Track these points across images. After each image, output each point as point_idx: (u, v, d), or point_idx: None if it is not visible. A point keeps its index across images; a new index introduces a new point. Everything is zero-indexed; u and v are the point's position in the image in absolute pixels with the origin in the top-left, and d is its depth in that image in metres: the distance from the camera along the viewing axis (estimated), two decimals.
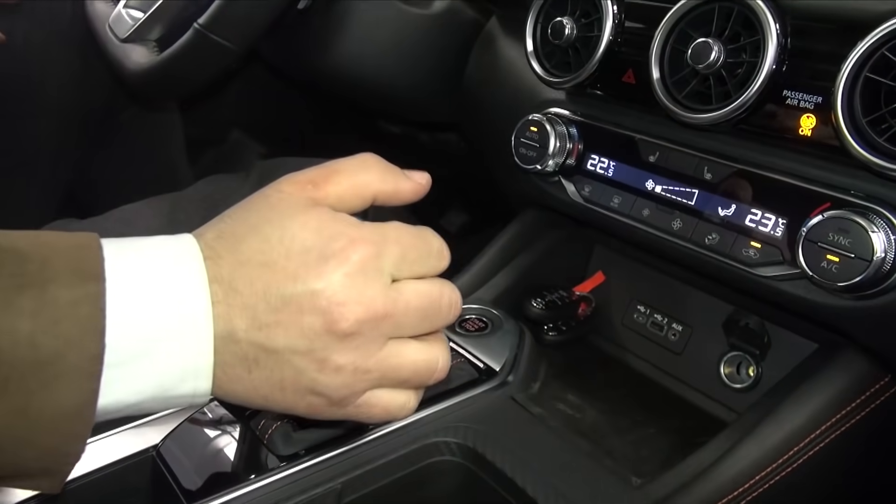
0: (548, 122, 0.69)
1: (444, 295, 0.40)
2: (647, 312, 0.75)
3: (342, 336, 0.36)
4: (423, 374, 0.40)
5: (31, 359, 0.30)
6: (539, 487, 0.50)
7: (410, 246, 0.39)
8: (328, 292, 0.36)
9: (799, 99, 0.52)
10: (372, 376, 0.38)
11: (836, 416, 0.54)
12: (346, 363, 0.36)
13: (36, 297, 0.30)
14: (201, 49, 0.66)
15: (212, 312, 0.35)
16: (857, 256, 0.48)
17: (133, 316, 0.33)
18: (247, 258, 0.36)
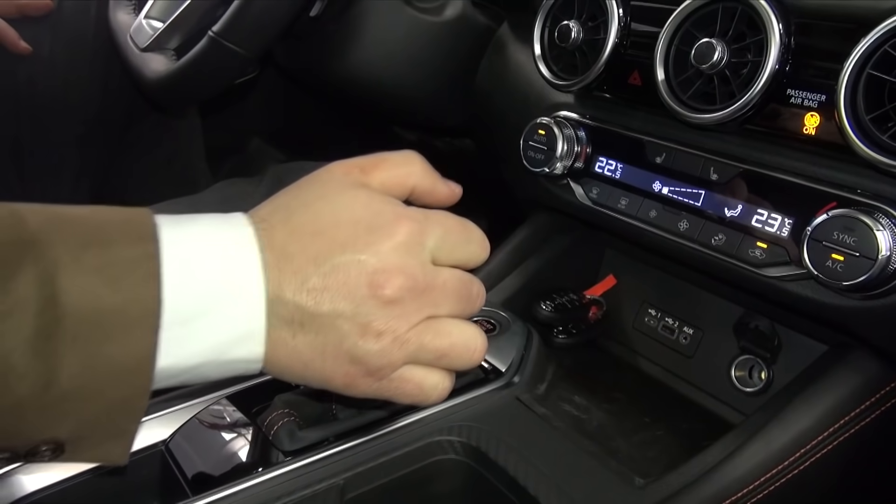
0: (556, 125, 0.69)
1: (474, 283, 0.42)
2: (658, 316, 0.75)
3: (385, 302, 0.37)
4: (461, 352, 0.41)
5: (95, 313, 0.32)
6: (541, 486, 0.50)
7: (453, 230, 0.41)
8: (374, 260, 0.37)
9: (803, 98, 0.52)
10: (409, 348, 0.39)
11: (844, 418, 0.53)
12: (387, 329, 0.38)
13: (98, 255, 0.32)
14: (216, 56, 0.68)
15: (264, 276, 0.36)
16: (862, 255, 0.48)
17: (188, 277, 0.34)
18: (299, 228, 0.38)
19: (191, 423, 0.54)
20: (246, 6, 0.65)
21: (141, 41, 0.80)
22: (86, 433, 0.34)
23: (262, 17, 0.66)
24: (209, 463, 0.51)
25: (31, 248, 0.31)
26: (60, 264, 0.31)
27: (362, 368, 0.38)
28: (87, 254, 0.32)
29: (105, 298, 0.32)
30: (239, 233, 0.37)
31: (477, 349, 0.41)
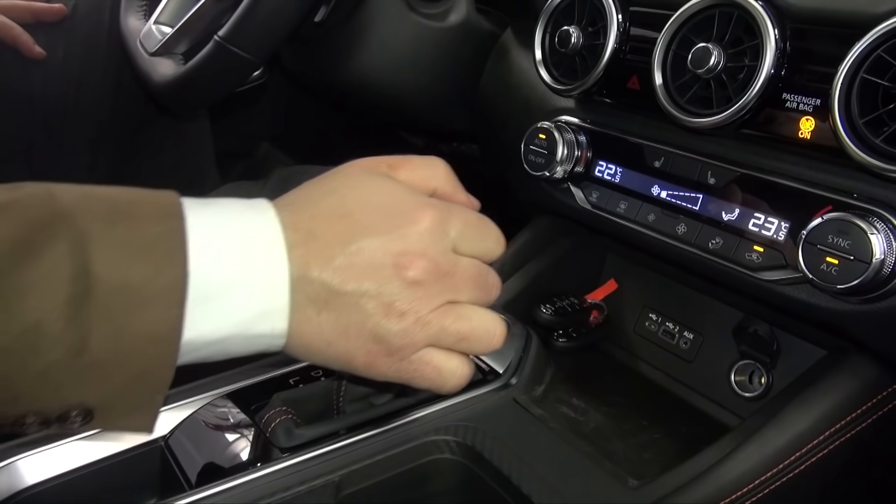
0: (556, 130, 0.69)
1: (491, 274, 0.44)
2: (658, 320, 0.75)
3: (409, 283, 0.39)
4: (481, 335, 0.42)
5: (123, 284, 0.33)
6: (534, 486, 0.50)
7: (473, 223, 0.43)
8: (399, 243, 0.39)
9: (798, 102, 0.53)
10: (431, 329, 0.40)
11: (841, 421, 0.53)
12: (409, 310, 0.39)
13: (126, 230, 0.34)
14: (221, 60, 0.69)
15: (288, 255, 0.38)
16: (856, 258, 0.48)
17: (212, 253, 0.36)
18: (326, 211, 0.39)
19: (190, 419, 0.55)
20: (251, 11, 0.67)
21: (150, 46, 0.81)
22: (113, 401, 0.35)
23: (266, 22, 0.68)
24: (207, 459, 0.51)
25: (63, 220, 0.33)
26: (91, 237, 0.33)
27: (384, 348, 0.39)
28: (115, 228, 0.34)
29: (132, 271, 0.33)
30: (262, 215, 0.38)
31: (497, 333, 0.43)
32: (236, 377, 0.59)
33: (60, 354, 0.32)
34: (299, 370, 0.61)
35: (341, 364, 0.40)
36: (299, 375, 0.60)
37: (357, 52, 0.87)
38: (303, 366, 0.61)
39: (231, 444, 0.53)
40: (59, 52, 1.03)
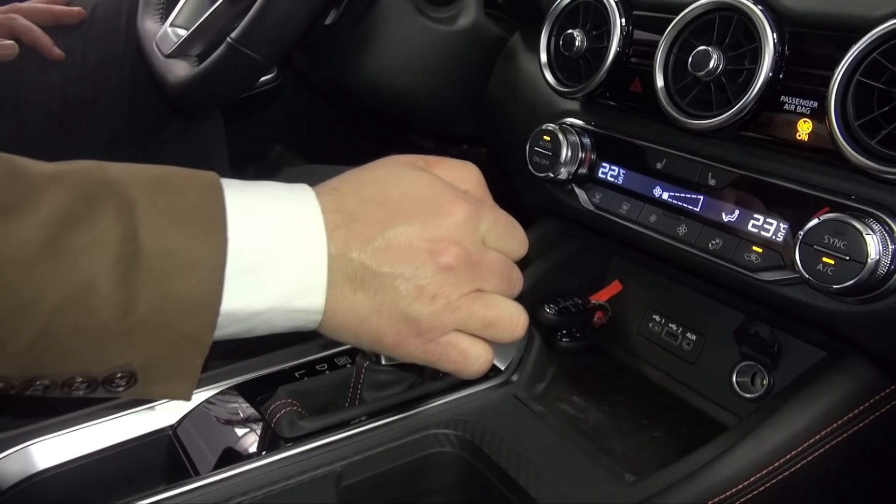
0: (560, 132, 0.71)
1: (515, 269, 0.46)
2: (662, 322, 0.76)
3: (442, 268, 0.41)
4: (506, 324, 0.44)
5: (166, 249, 0.35)
6: (531, 479, 0.51)
7: (502, 221, 0.45)
8: (435, 231, 0.41)
9: (796, 104, 0.53)
10: (460, 314, 0.42)
11: (837, 421, 0.54)
12: (441, 293, 0.41)
13: (168, 199, 0.36)
14: (234, 62, 0.71)
15: (328, 234, 0.40)
16: (851, 259, 0.49)
17: (251, 225, 0.38)
18: (368, 197, 0.42)
19: (198, 409, 0.57)
20: (262, 15, 0.68)
21: (166, 48, 0.83)
22: (156, 364, 0.37)
23: (277, 25, 0.69)
24: (214, 447, 0.53)
25: (112, 189, 0.35)
26: (137, 204, 0.35)
27: (414, 329, 0.41)
28: (158, 197, 0.36)
29: (174, 237, 0.35)
30: (302, 196, 0.41)
31: (520, 323, 0.45)
32: (243, 370, 0.61)
33: (111, 313, 0.34)
34: (305, 364, 0.62)
35: (371, 343, 0.42)
36: (304, 369, 0.61)
37: (366, 55, 0.88)
38: (308, 359, 0.63)
39: (236, 433, 0.54)
40: (77, 54, 1.06)
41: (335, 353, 0.64)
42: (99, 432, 0.53)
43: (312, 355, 0.63)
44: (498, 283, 0.44)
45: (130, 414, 0.55)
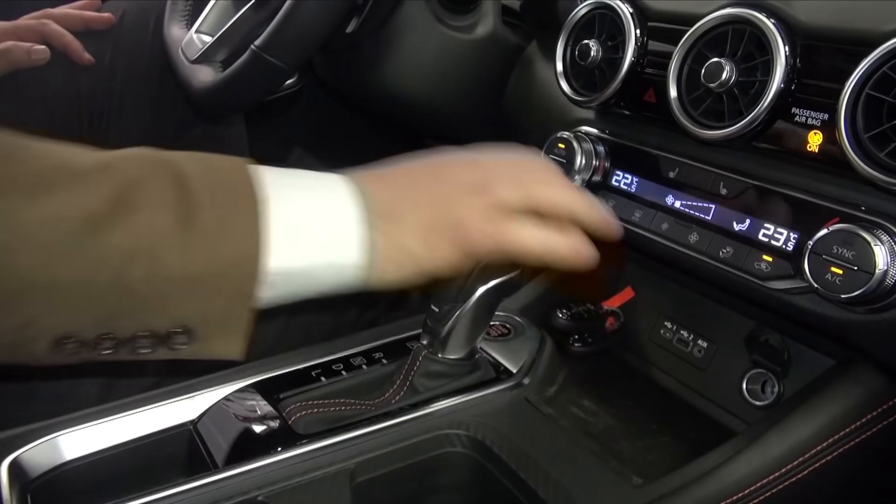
0: (575, 140, 0.72)
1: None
2: (673, 328, 0.76)
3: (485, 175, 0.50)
4: (570, 201, 0.52)
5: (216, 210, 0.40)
6: (540, 480, 0.52)
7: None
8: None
9: (807, 116, 0.54)
10: (519, 189, 0.50)
11: (845, 429, 0.54)
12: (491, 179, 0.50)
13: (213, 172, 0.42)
14: (257, 68, 0.73)
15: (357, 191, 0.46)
16: (859, 269, 0.49)
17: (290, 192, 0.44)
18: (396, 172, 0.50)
19: (217, 406, 0.58)
20: (286, 23, 0.70)
21: (191, 54, 0.85)
22: (212, 317, 0.41)
23: (300, 33, 0.71)
24: (232, 442, 0.55)
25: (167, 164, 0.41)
26: (189, 173, 0.40)
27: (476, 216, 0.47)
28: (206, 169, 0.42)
29: (223, 200, 0.40)
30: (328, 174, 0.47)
31: (586, 204, 0.54)
32: (262, 368, 0.62)
33: (174, 261, 0.39)
34: (322, 364, 0.64)
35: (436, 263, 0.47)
36: (321, 368, 0.63)
37: (386, 63, 0.90)
38: (326, 359, 0.64)
39: (254, 429, 0.56)
40: (106, 59, 1.08)
41: (351, 354, 0.65)
42: (123, 426, 0.55)
43: (329, 356, 0.65)
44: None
45: (153, 409, 0.57)
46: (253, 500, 0.50)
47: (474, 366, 0.63)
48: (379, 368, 0.64)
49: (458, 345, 0.60)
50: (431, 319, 0.60)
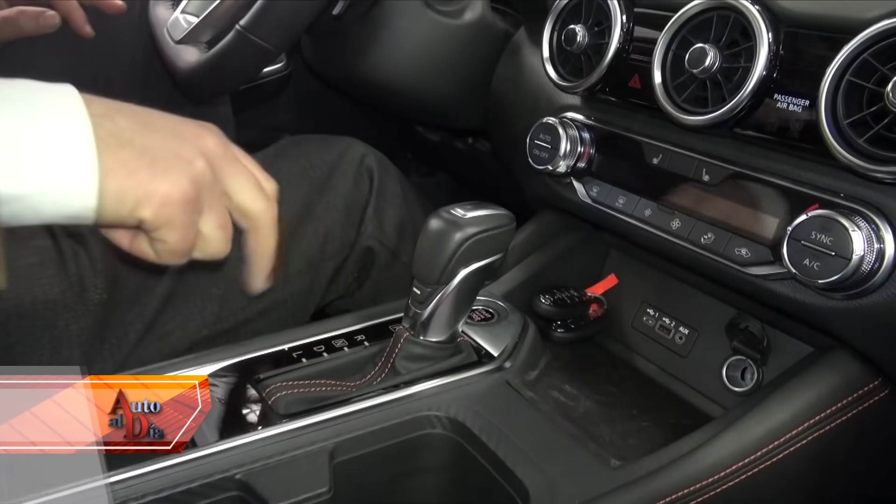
0: (560, 126, 0.72)
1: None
2: (656, 316, 0.77)
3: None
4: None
5: None
6: (518, 461, 0.52)
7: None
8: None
9: (789, 102, 0.54)
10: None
11: (821, 413, 0.55)
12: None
13: None
14: (242, 49, 0.73)
15: (87, 111, 0.41)
16: (837, 255, 0.50)
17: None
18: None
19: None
20: (271, 3, 0.70)
21: (176, 34, 0.85)
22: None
23: (285, 14, 0.71)
24: (210, 422, 0.54)
25: None
26: None
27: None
28: None
29: None
30: (59, 87, 0.42)
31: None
32: (241, 349, 0.62)
33: None
34: (303, 346, 0.64)
35: (141, 197, 0.43)
36: (302, 350, 0.63)
37: (373, 47, 0.90)
38: (307, 341, 0.64)
39: (233, 409, 0.56)
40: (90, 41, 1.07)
41: (332, 336, 0.65)
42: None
43: (310, 337, 0.65)
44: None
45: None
46: (231, 479, 0.50)
47: (456, 349, 0.63)
48: (360, 350, 0.64)
49: (439, 328, 0.60)
50: (413, 302, 0.60)
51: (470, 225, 0.58)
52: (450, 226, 0.58)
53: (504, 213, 0.60)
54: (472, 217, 0.58)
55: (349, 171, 0.86)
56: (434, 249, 0.58)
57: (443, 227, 0.58)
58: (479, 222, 0.58)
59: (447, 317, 0.60)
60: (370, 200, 0.86)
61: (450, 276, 0.58)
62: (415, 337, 0.60)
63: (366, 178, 0.87)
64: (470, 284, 0.59)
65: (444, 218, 0.58)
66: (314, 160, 0.86)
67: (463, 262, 0.58)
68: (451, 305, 0.59)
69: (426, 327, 0.60)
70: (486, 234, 0.58)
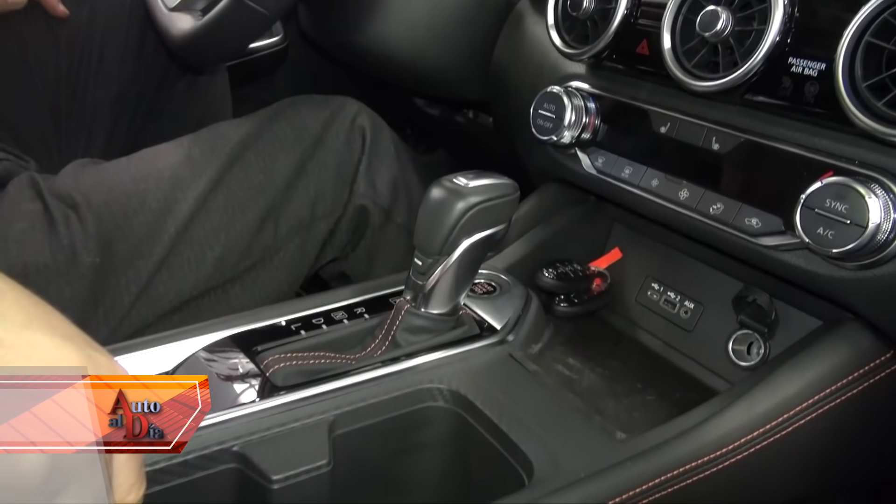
0: (566, 95, 0.70)
1: None
2: (660, 290, 0.76)
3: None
4: None
5: None
6: (522, 434, 0.51)
7: None
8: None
9: (804, 66, 0.53)
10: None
11: (832, 386, 0.54)
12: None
13: None
14: (237, 14, 0.71)
15: None
16: (852, 223, 0.48)
17: None
18: None
19: (193, 358, 0.57)
20: None
21: (170, 1, 0.82)
22: None
23: None
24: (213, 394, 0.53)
25: None
26: None
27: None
28: None
29: None
30: None
31: None
32: (239, 321, 0.61)
33: None
34: (301, 318, 0.62)
35: None
36: (301, 322, 0.62)
37: (372, 16, 0.87)
38: (306, 313, 0.63)
39: (230, 382, 0.55)
40: (84, 11, 1.05)
41: (332, 309, 0.64)
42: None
43: (309, 309, 0.63)
44: None
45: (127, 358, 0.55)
46: (228, 451, 0.49)
47: (458, 322, 0.62)
48: (360, 323, 0.62)
49: (441, 300, 0.59)
50: (415, 273, 0.59)
51: (473, 194, 0.56)
52: (452, 195, 0.56)
53: (508, 182, 0.59)
54: (475, 186, 0.57)
55: (341, 130, 0.85)
56: (436, 219, 0.56)
57: (445, 195, 0.56)
58: (482, 191, 0.57)
59: (449, 288, 0.58)
60: (362, 159, 0.85)
61: (452, 247, 0.57)
62: (416, 309, 0.59)
63: (358, 137, 0.86)
64: (473, 255, 0.58)
65: (446, 187, 0.57)
66: (308, 120, 0.85)
67: (465, 233, 0.56)
68: (454, 277, 0.58)
69: (428, 299, 0.59)
70: (489, 204, 0.57)
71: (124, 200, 0.75)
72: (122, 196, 0.75)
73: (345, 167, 0.84)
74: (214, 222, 0.77)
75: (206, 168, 0.78)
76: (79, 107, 1.09)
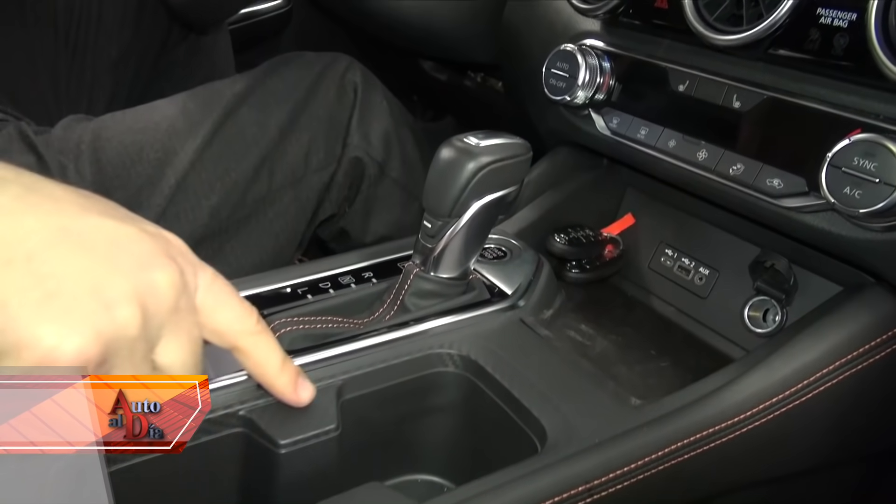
0: (580, 53, 0.67)
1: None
2: (674, 256, 0.74)
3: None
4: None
5: None
6: (534, 400, 0.50)
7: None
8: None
9: (833, 17, 0.50)
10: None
11: (851, 353, 0.52)
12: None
13: None
14: None
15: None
16: (882, 181, 0.46)
17: None
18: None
19: None
20: None
21: None
22: None
23: None
24: (213, 359, 0.52)
25: None
26: None
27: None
28: None
29: None
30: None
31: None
32: (245, 285, 0.60)
33: None
34: (308, 282, 0.61)
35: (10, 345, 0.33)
36: (308, 286, 0.60)
37: None
38: (313, 277, 0.61)
39: None
40: None
41: (339, 273, 0.63)
42: None
43: (316, 274, 0.62)
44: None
45: None
46: (234, 415, 0.47)
47: (468, 286, 0.60)
48: (368, 287, 0.61)
49: (451, 264, 0.58)
50: (424, 236, 0.57)
51: (484, 154, 0.54)
52: (462, 154, 0.54)
53: (520, 142, 0.57)
54: (487, 146, 0.55)
55: (332, 85, 0.85)
56: (446, 180, 0.55)
57: (455, 155, 0.54)
58: (493, 151, 0.55)
59: (459, 252, 0.57)
60: (354, 112, 0.85)
61: (462, 209, 0.55)
62: (425, 273, 0.57)
63: (349, 91, 0.86)
64: (483, 218, 0.56)
65: (456, 146, 0.55)
66: (300, 74, 0.85)
67: (476, 194, 0.55)
68: (464, 240, 0.56)
69: (437, 263, 0.57)
70: (501, 164, 0.55)
71: (122, 150, 0.75)
72: (119, 146, 0.75)
73: (337, 119, 0.85)
74: (210, 172, 0.77)
75: (202, 120, 0.78)
76: (78, 70, 1.07)
